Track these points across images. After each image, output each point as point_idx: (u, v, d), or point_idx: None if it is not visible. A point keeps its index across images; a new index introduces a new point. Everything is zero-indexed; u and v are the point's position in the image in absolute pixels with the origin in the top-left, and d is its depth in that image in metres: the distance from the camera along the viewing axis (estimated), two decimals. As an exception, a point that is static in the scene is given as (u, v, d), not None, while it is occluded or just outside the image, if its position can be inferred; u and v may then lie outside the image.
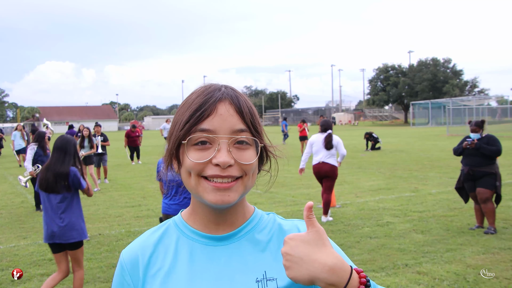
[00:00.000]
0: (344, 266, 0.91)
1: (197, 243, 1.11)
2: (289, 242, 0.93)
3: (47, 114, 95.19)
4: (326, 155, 8.08)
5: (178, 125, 1.07)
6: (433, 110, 54.93)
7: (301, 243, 0.92)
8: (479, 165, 7.18)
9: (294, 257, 0.91)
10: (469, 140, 7.32)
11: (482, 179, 7.16)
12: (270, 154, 1.15)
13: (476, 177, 7.23)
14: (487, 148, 7.09)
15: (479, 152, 7.17)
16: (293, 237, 0.93)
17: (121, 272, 1.14)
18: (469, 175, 7.29)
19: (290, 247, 0.92)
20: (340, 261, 0.91)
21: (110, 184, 13.80)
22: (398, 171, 14.43)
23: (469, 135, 7.52)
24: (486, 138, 7.28)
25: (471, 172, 7.24)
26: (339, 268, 0.90)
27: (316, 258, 0.90)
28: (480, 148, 7.13)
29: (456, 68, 70.54)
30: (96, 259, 6.36)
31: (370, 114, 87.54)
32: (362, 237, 7.04)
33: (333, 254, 0.92)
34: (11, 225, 8.62)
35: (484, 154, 7.14)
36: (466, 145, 7.28)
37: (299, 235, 0.93)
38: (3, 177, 16.50)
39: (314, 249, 0.91)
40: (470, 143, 7.25)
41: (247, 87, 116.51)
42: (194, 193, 1.07)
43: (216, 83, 1.12)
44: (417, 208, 8.92)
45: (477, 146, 7.15)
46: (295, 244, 0.92)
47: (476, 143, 7.18)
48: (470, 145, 7.23)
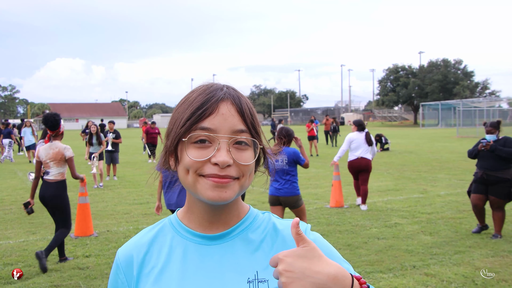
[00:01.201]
0: (345, 273, 0.92)
1: (191, 242, 1.11)
2: (285, 259, 0.90)
3: (57, 110, 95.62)
4: (366, 151, 9.08)
5: (178, 122, 1.07)
6: (443, 112, 54.60)
7: (298, 258, 0.90)
8: (494, 168, 6.82)
9: (295, 273, 0.89)
10: (484, 142, 6.99)
11: (495, 186, 6.81)
12: (267, 156, 1.15)
13: (490, 182, 6.87)
14: (503, 150, 6.71)
15: (494, 154, 6.81)
16: (287, 254, 0.91)
17: (116, 270, 1.15)
18: (482, 179, 6.92)
19: (288, 264, 0.90)
20: (341, 269, 0.92)
21: (119, 181, 13.86)
22: (407, 172, 14.36)
23: (485, 136, 7.19)
24: (503, 140, 6.92)
25: (484, 176, 6.88)
26: (342, 276, 0.90)
27: (318, 270, 0.89)
28: (495, 150, 6.77)
29: (467, 70, 70.11)
30: (104, 255, 6.40)
31: (379, 114, 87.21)
32: (370, 238, 7.02)
33: (332, 263, 0.92)
34: (20, 220, 8.70)
35: (500, 157, 6.77)
36: (481, 147, 6.93)
37: (292, 251, 0.91)
38: (13, 173, 16.65)
39: (313, 262, 0.90)
40: (485, 144, 6.91)
41: (256, 86, 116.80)
42: (192, 191, 1.07)
43: (217, 83, 1.13)
44: (425, 210, 8.87)
45: (492, 148, 6.79)
46: (292, 260, 0.90)
47: (491, 145, 6.82)
48: (485, 147, 6.87)
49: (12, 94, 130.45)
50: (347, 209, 9.10)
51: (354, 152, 9.16)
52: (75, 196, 10.74)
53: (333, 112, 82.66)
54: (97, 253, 6.49)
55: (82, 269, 5.83)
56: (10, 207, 9.98)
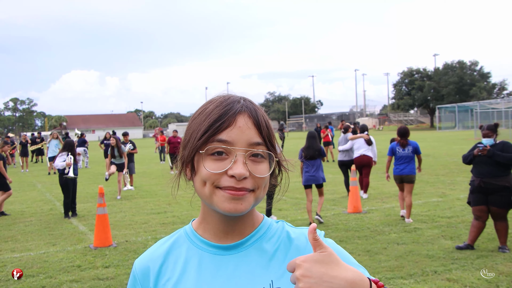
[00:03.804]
0: (363, 277, 0.92)
1: (206, 253, 1.13)
2: (302, 265, 0.90)
3: (74, 122, 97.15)
4: (367, 150, 11.06)
5: (196, 134, 1.08)
6: (460, 114, 53.98)
7: (316, 263, 0.90)
8: (491, 175, 6.29)
9: (312, 278, 0.88)
10: (480, 146, 6.47)
11: (495, 195, 6.27)
12: (282, 168, 1.16)
13: (488, 191, 6.33)
14: (502, 155, 6.19)
15: (492, 160, 6.30)
16: (305, 259, 0.91)
17: (133, 282, 1.18)
18: (480, 188, 6.39)
19: (306, 269, 0.89)
20: (358, 273, 0.92)
21: (136, 191, 13.95)
22: (425, 176, 14.19)
23: (481, 140, 6.67)
24: (501, 144, 6.39)
25: (482, 184, 6.35)
26: (360, 280, 0.90)
27: (336, 274, 0.89)
28: (493, 155, 6.27)
29: (483, 71, 69.17)
30: (124, 265, 6.42)
31: (395, 118, 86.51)
32: (389, 243, 6.94)
33: (350, 268, 0.92)
34: (40, 232, 8.79)
35: (498, 163, 6.24)
36: (477, 152, 6.42)
37: (310, 256, 0.91)
38: (32, 185, 16.87)
39: (331, 267, 0.90)
40: (482, 149, 6.41)
41: (271, 93, 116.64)
42: (208, 202, 1.08)
43: (234, 94, 1.13)
44: (445, 214, 8.75)
45: (490, 153, 6.29)
46: (310, 266, 0.90)
47: (488, 150, 6.33)
48: (482, 152, 6.38)
49: (30, 107, 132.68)
50: (365, 215, 9.02)
51: (357, 151, 11.10)
52: (94, 207, 10.84)
53: (348, 117, 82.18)
54: (116, 263, 6.52)
55: (102, 280, 5.86)
56: (30, 219, 10.09)
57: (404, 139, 8.54)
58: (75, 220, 9.92)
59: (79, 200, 11.62)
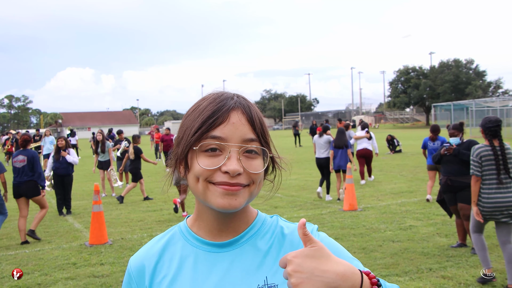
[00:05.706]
0: (354, 270, 0.92)
1: (200, 250, 1.13)
2: (293, 260, 0.91)
3: (69, 119, 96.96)
4: (368, 144, 13.38)
5: (189, 130, 1.08)
6: (456, 112, 54.07)
7: (307, 258, 0.90)
8: (458, 173, 6.35)
9: (304, 273, 0.89)
10: (446, 145, 6.61)
11: (462, 192, 6.28)
12: (276, 165, 1.16)
13: (456, 189, 6.38)
14: (467, 153, 6.17)
15: (458, 159, 6.38)
16: (296, 255, 0.91)
17: (128, 280, 1.17)
18: (447, 186, 6.46)
19: (297, 264, 0.90)
20: (349, 266, 0.92)
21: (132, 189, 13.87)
22: (420, 174, 14.24)
23: (449, 140, 6.80)
24: (467, 143, 6.46)
25: (449, 182, 6.42)
26: (350, 273, 0.91)
27: (327, 269, 0.90)
28: (459, 153, 6.36)
29: (479, 69, 69.36)
30: (119, 263, 6.42)
31: (391, 116, 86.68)
32: (385, 240, 6.96)
33: (341, 261, 0.92)
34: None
35: (464, 161, 6.25)
36: (444, 151, 6.54)
37: (301, 252, 0.92)
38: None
39: (322, 261, 0.90)
40: (447, 148, 6.52)
41: (267, 90, 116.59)
42: (202, 199, 1.08)
43: (227, 91, 1.13)
44: (440, 211, 8.77)
45: (455, 151, 6.40)
46: (301, 261, 0.90)
47: (454, 149, 6.43)
48: (448, 151, 6.48)
49: (25, 104, 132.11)
50: (360, 212, 9.04)
51: (360, 145, 13.50)
52: (89, 205, 10.82)
53: (344, 115, 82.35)
54: (112, 261, 6.51)
55: (97, 277, 5.86)
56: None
57: (434, 134, 9.54)
58: (71, 217, 9.90)
59: (74, 198, 11.59)
